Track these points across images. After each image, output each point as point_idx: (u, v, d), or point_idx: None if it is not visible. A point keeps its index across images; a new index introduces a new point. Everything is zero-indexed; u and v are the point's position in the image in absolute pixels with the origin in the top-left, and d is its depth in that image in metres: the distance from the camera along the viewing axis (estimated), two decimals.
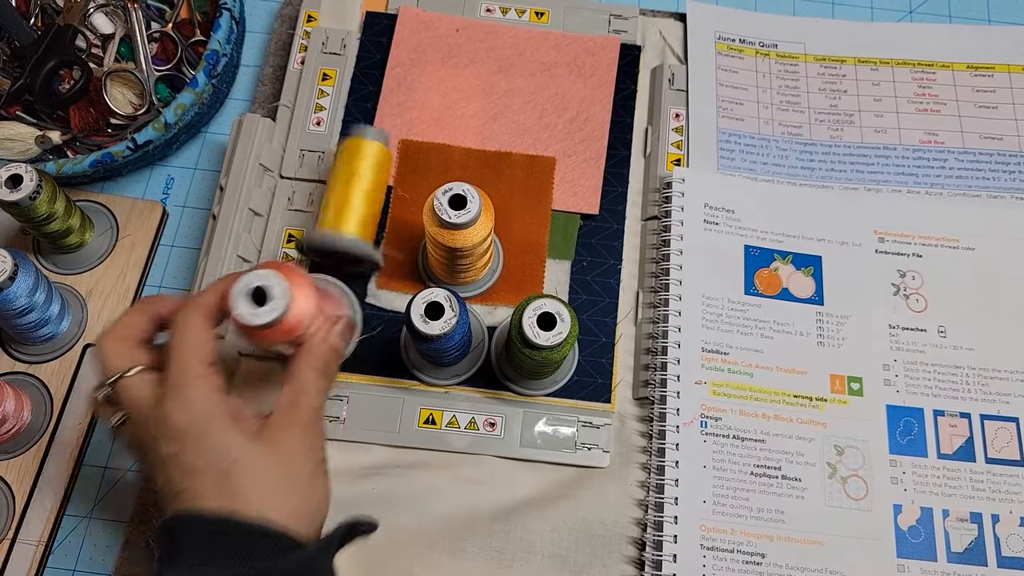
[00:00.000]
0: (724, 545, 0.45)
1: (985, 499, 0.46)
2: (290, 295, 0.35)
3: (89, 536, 0.48)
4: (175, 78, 0.57)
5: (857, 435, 0.47)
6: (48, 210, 0.48)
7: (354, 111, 0.55)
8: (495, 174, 0.53)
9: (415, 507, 0.46)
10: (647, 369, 0.49)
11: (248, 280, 0.35)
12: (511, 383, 0.48)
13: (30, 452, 0.48)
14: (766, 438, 0.47)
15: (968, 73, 0.58)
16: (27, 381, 0.49)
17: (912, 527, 0.45)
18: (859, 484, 0.46)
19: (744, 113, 0.56)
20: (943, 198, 0.54)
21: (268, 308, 0.35)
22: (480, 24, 0.57)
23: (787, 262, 0.51)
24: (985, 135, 0.56)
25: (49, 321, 0.49)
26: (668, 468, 0.46)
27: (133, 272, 0.53)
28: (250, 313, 0.35)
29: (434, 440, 0.47)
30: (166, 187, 0.56)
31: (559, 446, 0.47)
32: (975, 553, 0.45)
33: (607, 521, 0.46)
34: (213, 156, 0.57)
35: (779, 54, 0.59)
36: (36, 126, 0.54)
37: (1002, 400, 0.48)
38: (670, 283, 0.50)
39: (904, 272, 0.52)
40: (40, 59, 0.53)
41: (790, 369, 0.49)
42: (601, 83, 0.56)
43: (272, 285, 0.35)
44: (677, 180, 0.52)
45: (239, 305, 0.35)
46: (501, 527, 0.45)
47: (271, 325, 0.35)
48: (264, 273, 0.36)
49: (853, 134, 0.56)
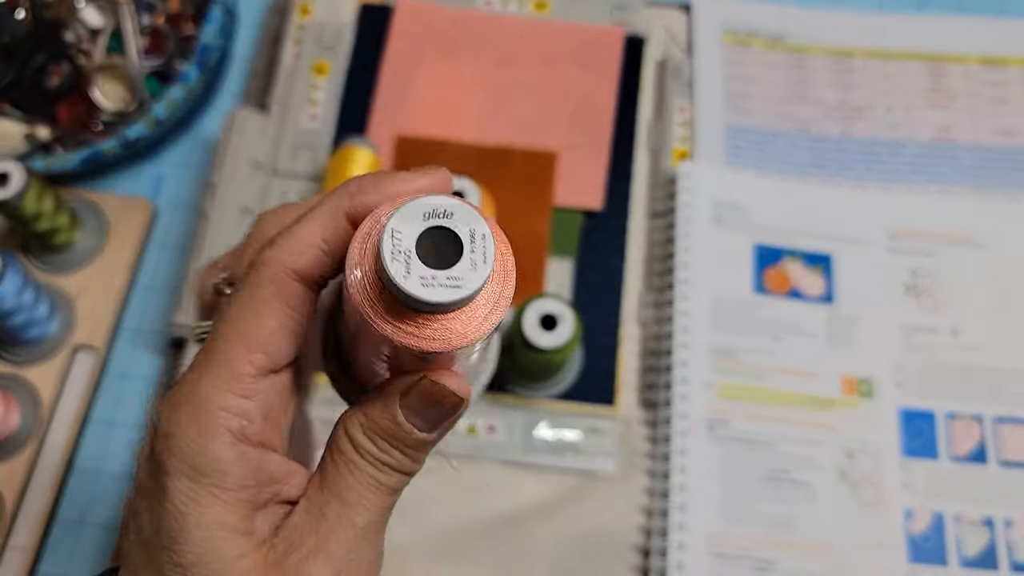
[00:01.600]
0: (732, 552, 0.44)
1: (998, 503, 0.45)
2: (491, 266, 0.19)
3: (80, 542, 0.47)
4: (166, 72, 0.56)
5: (868, 438, 0.47)
6: (36, 208, 0.47)
7: (349, 105, 0.54)
8: (495, 170, 0.52)
9: (414, 515, 0.45)
10: (653, 371, 0.48)
11: (430, 203, 0.19)
12: (512, 385, 0.48)
13: (19, 456, 0.47)
14: (775, 442, 0.46)
15: (981, 67, 0.57)
16: (15, 384, 0.49)
17: (923, 532, 0.45)
18: (870, 488, 0.46)
19: (752, 107, 0.56)
20: (956, 195, 0.53)
21: (454, 273, 0.18)
22: (479, 15, 0.56)
23: (797, 260, 0.51)
24: (998, 130, 0.55)
25: (38, 322, 0.48)
26: (674, 473, 0.45)
27: (123, 272, 0.52)
28: (423, 274, 0.18)
29: None
30: (157, 184, 0.56)
31: (562, 451, 0.47)
32: (987, 558, 0.44)
33: (611, 528, 0.45)
34: (205, 152, 0.57)
35: (788, 47, 0.58)
36: (24, 122, 0.54)
37: (1016, 402, 0.48)
38: (676, 282, 0.49)
39: (916, 271, 0.51)
40: (28, 54, 0.52)
41: (800, 371, 0.48)
42: (604, 74, 0.55)
43: (472, 230, 0.19)
44: (683, 176, 0.52)
45: (400, 243, 0.18)
46: (503, 534, 0.45)
47: (446, 311, 0.19)
48: (457, 204, 0.19)
49: (864, 129, 0.55)
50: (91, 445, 0.49)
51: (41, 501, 0.47)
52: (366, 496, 0.21)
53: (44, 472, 0.47)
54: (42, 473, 0.47)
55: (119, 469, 0.48)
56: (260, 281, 0.20)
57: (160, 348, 0.51)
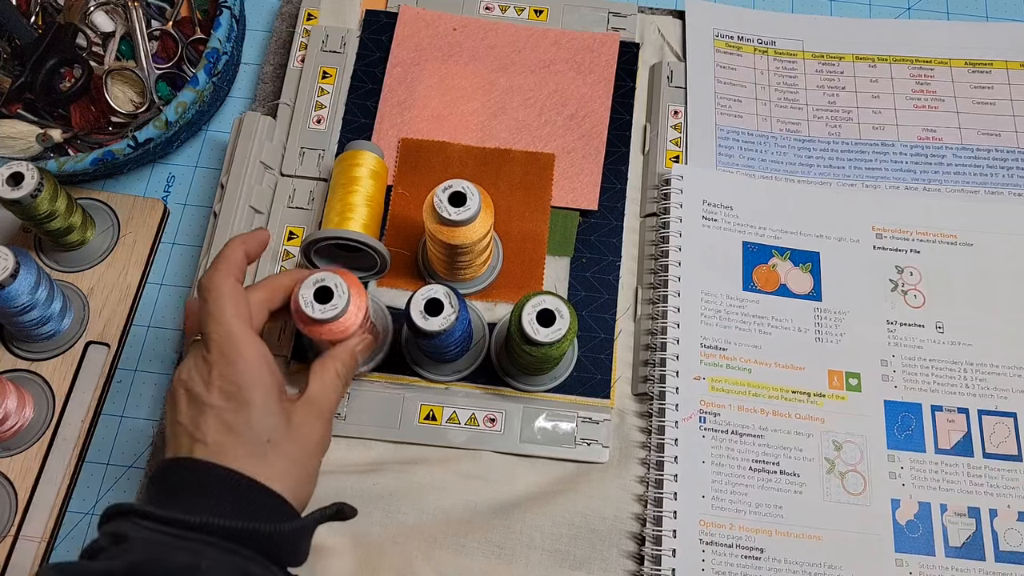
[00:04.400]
0: (723, 540, 0.45)
1: (983, 494, 0.46)
2: (349, 300, 0.40)
3: (92, 533, 0.48)
4: (176, 76, 0.57)
5: (855, 430, 0.47)
6: (49, 208, 0.48)
7: (354, 109, 0.55)
8: (495, 171, 0.53)
9: (415, 503, 0.46)
10: (646, 365, 0.49)
11: (318, 277, 0.40)
12: (511, 379, 0.48)
13: (32, 449, 0.48)
14: (764, 434, 0.47)
15: (966, 70, 0.58)
16: (29, 378, 0.50)
17: (910, 522, 0.46)
18: (857, 479, 0.46)
19: (742, 110, 0.57)
20: (941, 194, 0.54)
21: (330, 306, 0.40)
22: (479, 22, 0.57)
23: (785, 258, 0.51)
24: (983, 131, 0.56)
25: (51, 319, 0.49)
26: (667, 463, 0.46)
27: (134, 270, 0.53)
28: (315, 307, 0.40)
29: (434, 436, 0.48)
30: (167, 185, 0.57)
31: (559, 442, 0.48)
32: (973, 548, 0.45)
33: (607, 516, 0.46)
34: (214, 154, 0.58)
35: (777, 51, 0.59)
36: (37, 124, 0.54)
37: (1000, 395, 0.49)
38: (669, 279, 0.50)
39: (902, 268, 0.52)
40: (41, 57, 0.53)
41: (788, 365, 0.49)
42: (600, 80, 0.56)
43: (337, 287, 0.40)
44: (676, 177, 0.53)
45: (305, 297, 0.40)
46: (501, 522, 0.46)
47: (328, 322, 0.40)
48: (331, 276, 0.40)
49: (851, 131, 0.56)
50: (103, 438, 0.50)
51: (54, 493, 0.47)
52: (338, 390, 0.41)
53: (57, 464, 0.48)
54: (55, 465, 0.48)
55: (130, 462, 0.49)
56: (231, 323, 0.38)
57: (171, 344, 0.52)
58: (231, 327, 0.37)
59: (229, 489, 0.34)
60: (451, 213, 0.43)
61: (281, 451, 0.36)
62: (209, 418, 0.36)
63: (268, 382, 0.37)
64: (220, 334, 0.37)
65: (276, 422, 0.36)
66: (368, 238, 0.47)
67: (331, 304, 0.40)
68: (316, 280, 0.40)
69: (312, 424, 0.38)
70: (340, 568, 0.44)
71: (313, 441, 0.38)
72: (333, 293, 0.40)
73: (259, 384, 0.36)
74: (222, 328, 0.37)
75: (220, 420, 0.36)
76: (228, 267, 0.39)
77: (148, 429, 0.50)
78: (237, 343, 0.36)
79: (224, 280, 0.38)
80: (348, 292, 0.40)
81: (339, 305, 0.40)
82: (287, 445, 0.37)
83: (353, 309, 0.41)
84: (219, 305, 0.37)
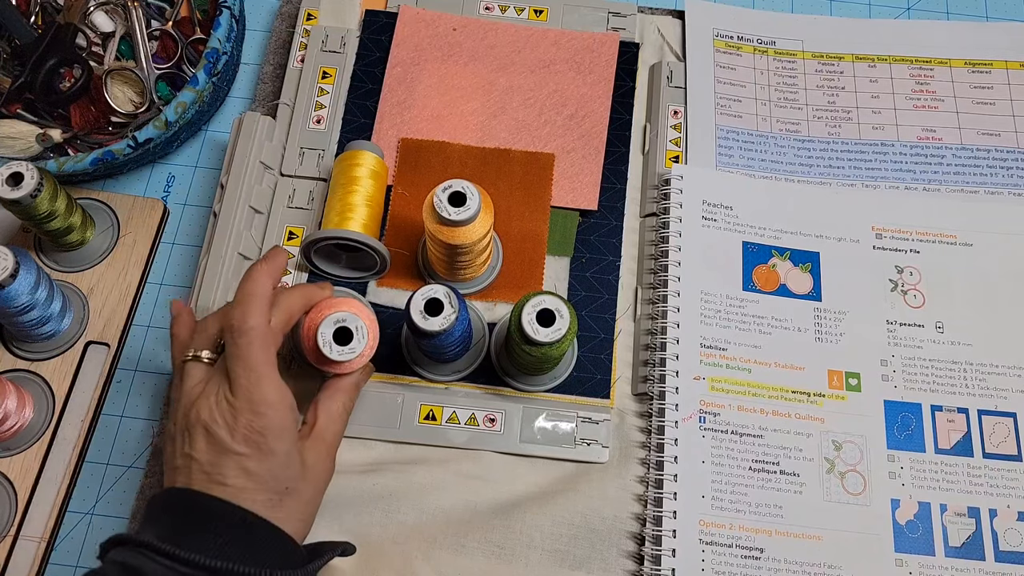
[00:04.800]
0: (723, 540, 0.45)
1: (983, 494, 0.46)
2: (367, 345, 0.41)
3: (91, 533, 0.48)
4: (175, 76, 0.57)
5: (855, 430, 0.48)
6: (49, 208, 0.48)
7: (354, 109, 0.55)
8: (494, 171, 0.53)
9: (415, 503, 0.46)
10: (646, 365, 0.49)
11: (339, 316, 0.40)
12: (511, 379, 0.49)
13: (32, 449, 0.48)
14: (764, 433, 0.47)
15: (966, 70, 0.58)
16: (29, 379, 0.50)
17: (910, 522, 0.46)
18: (857, 479, 0.46)
19: (742, 110, 0.57)
20: (941, 194, 0.54)
21: (348, 349, 0.40)
22: (479, 22, 0.57)
23: (785, 258, 0.52)
24: (983, 131, 0.56)
25: (51, 319, 0.49)
26: (667, 463, 0.46)
27: (134, 270, 0.53)
28: (334, 349, 0.40)
29: (434, 436, 0.48)
30: (167, 185, 0.57)
31: (559, 442, 0.48)
32: (973, 548, 0.45)
33: (606, 516, 0.46)
34: (214, 154, 0.58)
35: (777, 51, 0.59)
36: (37, 124, 0.54)
37: (1000, 395, 0.49)
38: (669, 279, 0.50)
39: (902, 268, 0.52)
40: (41, 57, 0.53)
41: (788, 365, 0.49)
42: (600, 80, 0.56)
43: (358, 330, 0.41)
44: (675, 177, 0.53)
45: (325, 335, 0.40)
46: (501, 522, 0.46)
47: (344, 363, 0.41)
48: (352, 317, 0.41)
49: (851, 131, 0.56)
50: (103, 438, 0.50)
51: (54, 493, 0.47)
52: (344, 423, 0.42)
53: (57, 464, 0.48)
54: (55, 465, 0.48)
55: (130, 462, 0.49)
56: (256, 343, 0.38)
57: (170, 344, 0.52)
58: (261, 375, 0.36)
59: (245, 531, 0.34)
60: (451, 213, 0.43)
61: (297, 495, 0.37)
62: (230, 462, 0.35)
63: (292, 431, 0.37)
64: (250, 380, 0.36)
65: (295, 471, 0.37)
66: (368, 238, 0.47)
67: (350, 347, 0.40)
68: (337, 320, 0.40)
69: (323, 462, 0.39)
70: (340, 568, 0.44)
71: (324, 479, 0.39)
72: (353, 336, 0.40)
73: (285, 435, 0.36)
74: (252, 375, 0.36)
75: (242, 467, 0.36)
76: (261, 307, 0.37)
77: (148, 429, 0.50)
78: (266, 393, 0.36)
79: (259, 323, 0.37)
80: (367, 336, 0.41)
81: (357, 349, 0.40)
82: (303, 488, 0.37)
83: (367, 352, 0.41)
84: (251, 351, 0.36)
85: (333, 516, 0.45)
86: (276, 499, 0.36)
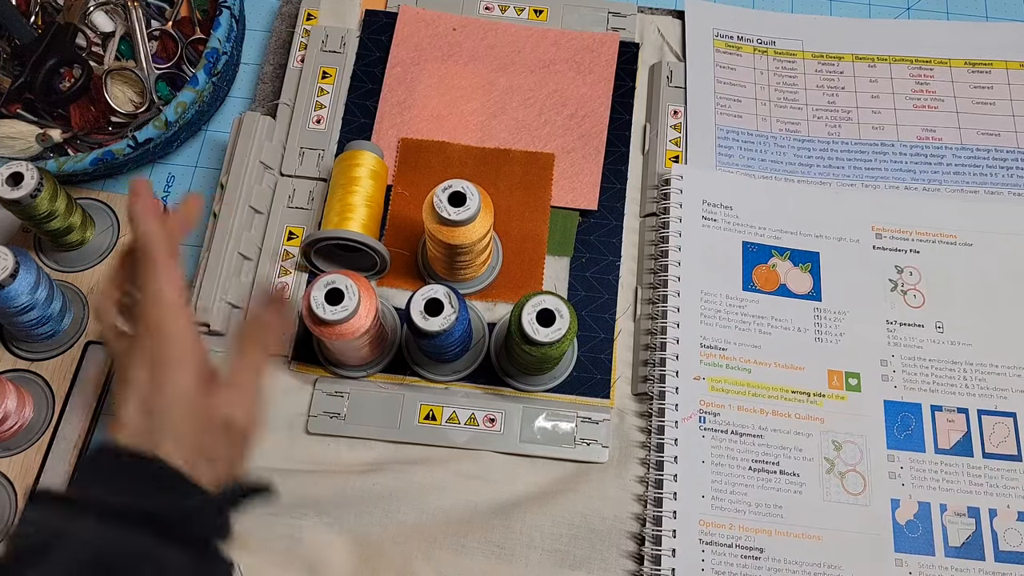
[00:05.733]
0: (723, 540, 0.45)
1: (983, 494, 0.46)
2: (359, 303, 0.41)
3: None
4: (175, 76, 0.57)
5: (855, 430, 0.48)
6: (49, 208, 0.48)
7: (354, 109, 0.55)
8: (494, 171, 0.53)
9: (415, 503, 0.46)
10: (646, 365, 0.49)
11: (329, 279, 0.41)
12: (511, 379, 0.49)
13: (32, 449, 0.48)
14: (764, 433, 0.47)
15: (965, 70, 0.58)
16: (29, 378, 0.50)
17: (910, 522, 0.46)
18: (857, 479, 0.46)
19: (742, 110, 0.57)
20: (940, 194, 0.54)
21: (340, 307, 0.41)
22: (479, 22, 0.57)
23: (785, 258, 0.52)
24: (982, 131, 0.56)
25: (50, 319, 0.49)
26: (667, 463, 0.46)
27: None
28: (326, 308, 0.40)
29: (434, 436, 0.48)
30: (167, 185, 0.57)
31: (558, 442, 0.48)
32: (973, 548, 0.45)
33: (606, 516, 0.46)
34: (214, 154, 0.58)
35: (777, 51, 0.59)
36: (37, 124, 0.55)
37: (999, 395, 0.49)
38: (668, 279, 0.50)
39: (902, 268, 0.52)
40: (41, 57, 0.53)
41: (788, 365, 0.49)
42: (600, 80, 0.56)
43: (347, 288, 0.41)
44: (675, 177, 0.53)
45: (316, 298, 0.41)
46: (501, 522, 0.46)
47: (338, 323, 0.41)
48: (342, 278, 0.41)
49: (851, 130, 0.56)
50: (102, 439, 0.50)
51: None
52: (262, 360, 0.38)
53: (56, 464, 0.48)
54: (54, 465, 0.48)
55: None
56: None
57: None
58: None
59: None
60: (451, 213, 0.43)
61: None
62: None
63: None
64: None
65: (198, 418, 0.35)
66: (368, 238, 0.47)
67: (342, 306, 0.40)
68: (327, 282, 0.41)
69: (243, 406, 0.36)
70: (340, 568, 0.44)
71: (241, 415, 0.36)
72: (344, 295, 0.41)
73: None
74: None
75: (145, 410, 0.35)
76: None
77: None
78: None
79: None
80: (359, 294, 0.41)
81: (349, 307, 0.41)
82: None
83: (363, 311, 0.41)
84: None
85: (333, 516, 0.45)
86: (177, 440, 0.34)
